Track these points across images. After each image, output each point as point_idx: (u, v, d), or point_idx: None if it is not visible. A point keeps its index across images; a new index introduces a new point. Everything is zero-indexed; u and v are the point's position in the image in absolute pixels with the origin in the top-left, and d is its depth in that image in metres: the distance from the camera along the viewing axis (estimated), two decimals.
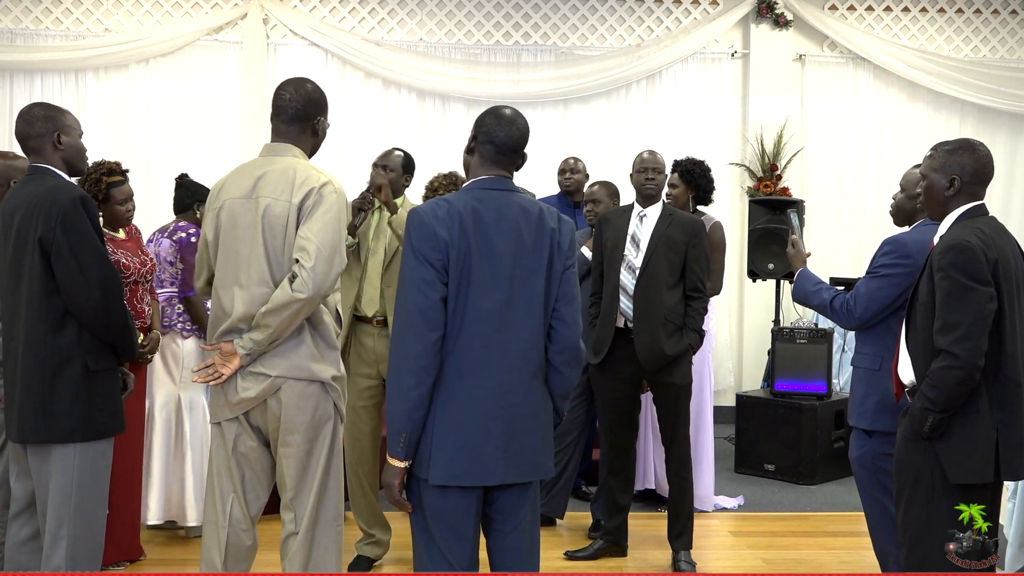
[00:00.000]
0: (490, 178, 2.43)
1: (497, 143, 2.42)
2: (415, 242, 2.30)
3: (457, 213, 2.32)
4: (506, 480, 2.36)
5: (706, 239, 4.09)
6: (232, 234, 2.76)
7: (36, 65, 6.86)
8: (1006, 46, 7.51)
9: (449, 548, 2.34)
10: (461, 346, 2.31)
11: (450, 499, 2.33)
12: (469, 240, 2.31)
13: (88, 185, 3.71)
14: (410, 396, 2.27)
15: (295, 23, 7.01)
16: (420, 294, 2.28)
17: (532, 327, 2.38)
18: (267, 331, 2.68)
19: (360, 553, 3.94)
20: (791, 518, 4.90)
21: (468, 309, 2.31)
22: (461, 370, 2.32)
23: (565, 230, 2.45)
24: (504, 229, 2.36)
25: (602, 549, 4.19)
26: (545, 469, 2.45)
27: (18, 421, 2.83)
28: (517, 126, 2.44)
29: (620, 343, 3.99)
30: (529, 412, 2.39)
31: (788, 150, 7.15)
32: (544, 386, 2.44)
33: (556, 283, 2.41)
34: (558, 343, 2.42)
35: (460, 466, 2.31)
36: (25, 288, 2.80)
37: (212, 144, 6.97)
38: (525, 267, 2.37)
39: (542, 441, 2.43)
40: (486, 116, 2.46)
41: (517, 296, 2.35)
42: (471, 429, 2.31)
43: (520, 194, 2.46)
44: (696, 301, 3.98)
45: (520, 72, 7.20)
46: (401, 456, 2.31)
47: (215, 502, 2.84)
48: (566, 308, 2.43)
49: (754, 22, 7.25)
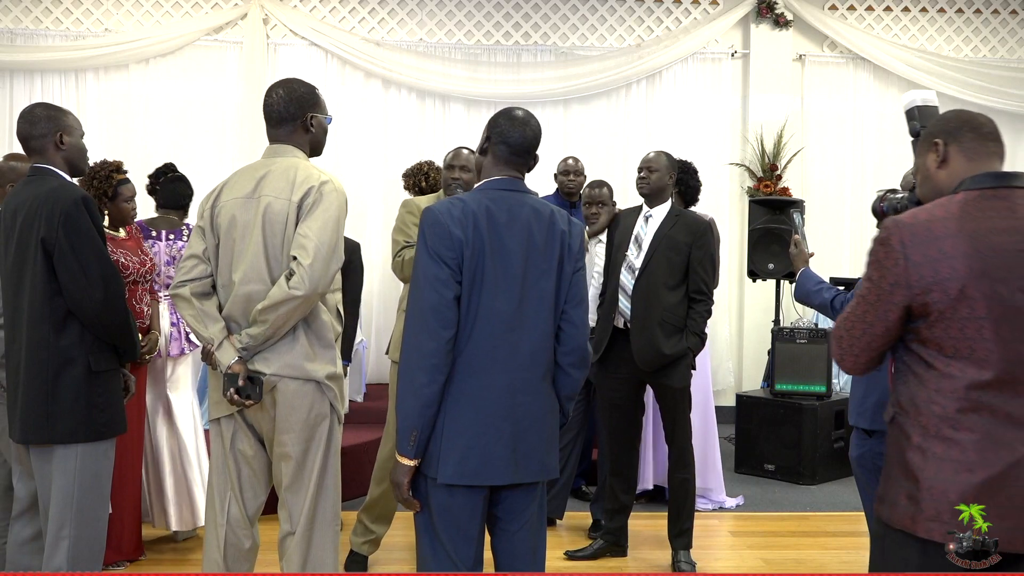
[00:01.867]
0: (503, 179, 2.45)
1: (511, 144, 2.44)
2: (429, 240, 2.32)
3: (471, 213, 2.34)
4: (515, 480, 2.37)
5: (712, 240, 4.06)
6: (231, 234, 2.76)
7: (36, 65, 6.86)
8: (1006, 46, 7.51)
9: (454, 547, 2.35)
10: (472, 345, 2.32)
11: (457, 498, 2.34)
12: (483, 240, 2.33)
13: (98, 182, 3.72)
14: (422, 394, 2.28)
15: (295, 23, 7.01)
16: (434, 292, 2.29)
17: (542, 328, 2.39)
18: (264, 327, 2.68)
19: (355, 549, 3.92)
20: (791, 518, 4.90)
21: (480, 309, 2.33)
22: (472, 369, 2.33)
23: (575, 232, 2.47)
24: (516, 230, 2.37)
25: (602, 549, 4.20)
26: (551, 470, 2.46)
27: (21, 421, 2.83)
28: (530, 127, 2.46)
29: (619, 343, 3.99)
30: (538, 413, 2.40)
31: (788, 150, 7.15)
32: (552, 387, 2.46)
33: (566, 285, 2.43)
34: (566, 344, 2.44)
35: (470, 465, 2.31)
36: (27, 289, 2.80)
37: (212, 144, 6.97)
38: (536, 268, 2.38)
39: (549, 442, 2.44)
40: (499, 117, 2.48)
41: (527, 297, 2.37)
42: (481, 429, 2.32)
43: (532, 195, 2.48)
44: (699, 304, 3.95)
45: (520, 72, 7.21)
46: (411, 454, 2.31)
47: (214, 501, 2.85)
48: (574, 310, 2.44)
49: (754, 22, 7.26)
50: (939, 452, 1.93)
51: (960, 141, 2.04)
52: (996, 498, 1.89)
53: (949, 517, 1.91)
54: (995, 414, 1.90)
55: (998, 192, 1.97)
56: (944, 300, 1.92)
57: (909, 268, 1.94)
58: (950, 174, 2.05)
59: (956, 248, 1.91)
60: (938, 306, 1.93)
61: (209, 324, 2.76)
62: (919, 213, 1.99)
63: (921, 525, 1.94)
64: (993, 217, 1.94)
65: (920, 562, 1.98)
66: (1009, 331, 1.90)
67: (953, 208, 1.97)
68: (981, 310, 1.90)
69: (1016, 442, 1.89)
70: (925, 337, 1.97)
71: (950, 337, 1.93)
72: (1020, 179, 1.99)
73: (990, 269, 1.90)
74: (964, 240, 1.91)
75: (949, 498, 1.91)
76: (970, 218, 1.94)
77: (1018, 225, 1.93)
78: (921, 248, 1.94)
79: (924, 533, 1.93)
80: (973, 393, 1.91)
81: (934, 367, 1.96)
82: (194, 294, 2.78)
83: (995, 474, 1.89)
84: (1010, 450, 1.89)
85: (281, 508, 2.83)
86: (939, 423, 1.94)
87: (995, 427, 1.90)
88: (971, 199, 1.97)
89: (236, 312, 2.75)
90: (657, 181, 4.03)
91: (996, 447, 1.90)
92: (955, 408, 1.93)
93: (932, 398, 1.96)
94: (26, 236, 2.80)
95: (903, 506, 1.99)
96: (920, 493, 1.95)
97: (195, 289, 2.78)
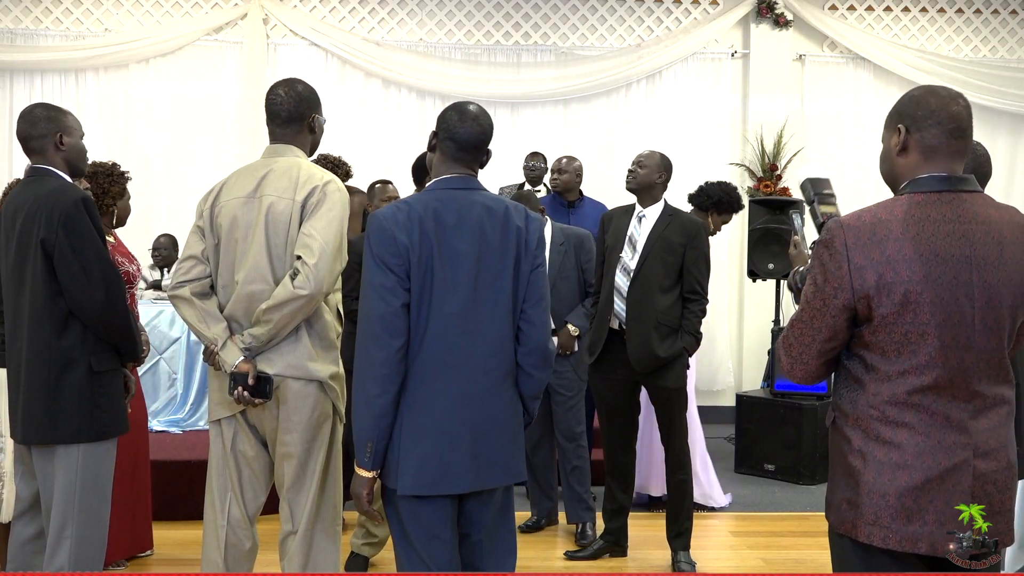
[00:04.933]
0: (452, 177, 2.38)
1: (458, 140, 2.36)
2: (375, 247, 2.26)
3: (418, 216, 2.27)
4: (476, 487, 2.33)
5: (706, 241, 4.04)
6: (232, 234, 2.76)
7: (36, 65, 6.86)
8: (1006, 46, 7.51)
9: (428, 551, 2.32)
10: (425, 352, 2.27)
11: (423, 506, 2.30)
12: (431, 243, 2.26)
13: (112, 180, 3.72)
14: (375, 404, 2.24)
15: (295, 23, 7.01)
16: (380, 300, 2.24)
17: (499, 330, 2.33)
18: (267, 327, 2.68)
19: (356, 552, 3.92)
20: (791, 518, 4.90)
21: (431, 314, 2.27)
22: (425, 376, 2.28)
23: (532, 228, 2.38)
24: (467, 230, 2.30)
25: (602, 549, 4.19)
26: (516, 473, 2.40)
27: (23, 422, 2.83)
28: (479, 122, 2.38)
29: (614, 345, 3.98)
30: (498, 417, 2.34)
31: (788, 150, 7.15)
32: (514, 389, 2.39)
33: (523, 284, 2.36)
34: (526, 345, 2.37)
35: (429, 475, 2.27)
36: (28, 290, 2.80)
37: (212, 144, 6.97)
38: (490, 269, 2.32)
39: (512, 445, 2.38)
40: (449, 111, 2.41)
41: (482, 299, 2.31)
42: (438, 437, 2.27)
43: (484, 192, 2.40)
44: (693, 304, 3.94)
45: (520, 72, 7.21)
46: (368, 466, 2.29)
47: (214, 501, 2.85)
48: (533, 309, 2.37)
49: (754, 22, 7.26)
50: (878, 455, 1.92)
51: (922, 133, 1.97)
52: (935, 502, 1.88)
53: (889, 521, 1.90)
54: (934, 417, 1.89)
55: (943, 196, 1.93)
56: (887, 305, 1.90)
57: (852, 271, 1.91)
58: (906, 164, 2.00)
59: (899, 252, 1.89)
60: (881, 310, 1.90)
61: (212, 324, 2.75)
62: (863, 215, 1.96)
63: (862, 530, 1.93)
64: (937, 221, 1.91)
65: (864, 568, 1.97)
66: (951, 336, 1.88)
67: (897, 211, 1.93)
68: (924, 315, 1.88)
69: (955, 446, 1.89)
70: (868, 341, 1.95)
71: (893, 341, 1.91)
72: (965, 183, 1.96)
73: (933, 274, 1.88)
74: (908, 244, 1.89)
75: (888, 501, 1.90)
76: (914, 221, 1.91)
77: (962, 230, 1.90)
78: (864, 251, 1.91)
79: (865, 538, 1.92)
80: (914, 396, 1.90)
81: (876, 370, 1.94)
82: (194, 294, 2.77)
83: (933, 476, 1.88)
84: (948, 454, 1.88)
85: (282, 508, 2.83)
86: (879, 426, 1.93)
87: (934, 430, 1.89)
88: (915, 202, 1.94)
89: (238, 312, 2.75)
90: (644, 178, 3.99)
91: (934, 450, 1.88)
92: (894, 411, 1.91)
93: (871, 401, 1.94)
94: (26, 237, 2.79)
95: (845, 510, 1.98)
96: (860, 497, 1.93)
97: (195, 289, 2.78)
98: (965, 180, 1.97)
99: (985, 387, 1.91)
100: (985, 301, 1.89)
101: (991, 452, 1.91)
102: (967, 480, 1.88)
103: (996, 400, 1.93)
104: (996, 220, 1.94)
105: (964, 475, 1.88)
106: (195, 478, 4.34)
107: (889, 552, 1.91)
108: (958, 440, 1.89)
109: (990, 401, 1.92)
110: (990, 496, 1.90)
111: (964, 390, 1.90)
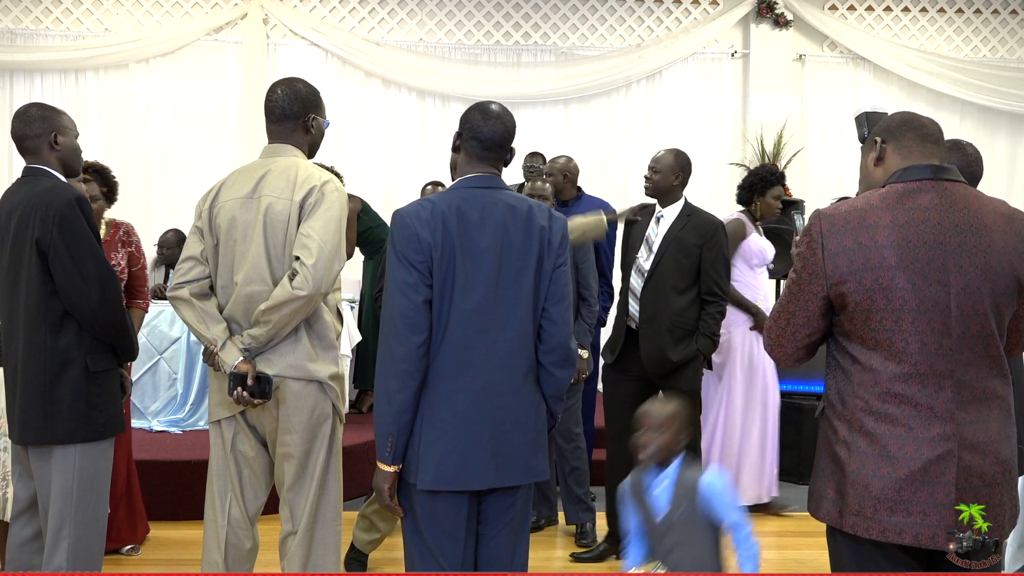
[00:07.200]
0: (476, 176, 2.39)
1: (483, 139, 2.38)
2: (398, 244, 2.28)
3: (441, 213, 2.28)
4: (496, 484, 2.33)
5: (724, 240, 3.97)
6: (231, 235, 2.75)
7: (36, 65, 6.87)
8: (1006, 46, 7.51)
9: (441, 550, 2.31)
10: (446, 348, 2.28)
11: (441, 503, 2.30)
12: (453, 241, 2.27)
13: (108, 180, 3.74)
14: (395, 400, 2.25)
15: (295, 23, 7.02)
16: (403, 297, 2.25)
17: (519, 327, 2.33)
18: (266, 328, 2.67)
19: (358, 545, 3.88)
20: (791, 518, 4.90)
21: (452, 311, 2.27)
22: (445, 373, 2.28)
23: (556, 227, 2.38)
24: (489, 228, 2.31)
25: (608, 550, 4.17)
26: (538, 472, 2.39)
27: (19, 423, 2.82)
28: (503, 121, 2.39)
29: (631, 344, 3.96)
30: (518, 414, 2.34)
31: (788, 150, 7.15)
32: (536, 387, 2.39)
33: (545, 282, 2.36)
34: (547, 343, 2.37)
35: (448, 470, 2.27)
36: (23, 290, 2.79)
37: (212, 144, 6.98)
38: (512, 266, 2.32)
39: (534, 443, 2.37)
40: (472, 112, 2.42)
41: (503, 296, 2.31)
42: (458, 433, 2.28)
43: (508, 191, 2.41)
44: (711, 305, 3.89)
45: (520, 72, 7.21)
46: (389, 461, 2.29)
47: (214, 502, 2.84)
48: (555, 307, 2.37)
49: (754, 22, 7.26)
50: (862, 446, 1.93)
51: (899, 140, 2.04)
52: (919, 494, 1.88)
53: (872, 512, 1.90)
54: (919, 408, 1.89)
55: (923, 184, 1.96)
56: (859, 291, 1.91)
57: (825, 258, 1.94)
58: (885, 171, 2.04)
59: (872, 239, 1.91)
60: (854, 296, 1.92)
61: (211, 325, 2.75)
62: (842, 204, 1.99)
63: (847, 520, 1.94)
64: (912, 209, 1.92)
65: (850, 558, 1.98)
66: (926, 323, 1.89)
67: (875, 199, 1.96)
68: (897, 302, 1.89)
69: (940, 438, 1.88)
70: (847, 329, 1.97)
71: (870, 329, 1.92)
72: (946, 172, 1.98)
73: (907, 261, 1.89)
74: (882, 231, 1.91)
75: (871, 493, 1.90)
76: (890, 209, 1.93)
77: (938, 217, 1.92)
78: (837, 238, 1.94)
79: (849, 528, 1.94)
80: (896, 386, 1.90)
81: (858, 360, 1.95)
82: (193, 295, 2.77)
83: (916, 469, 1.88)
84: (932, 445, 1.88)
85: (282, 508, 2.82)
86: (862, 417, 1.93)
87: (918, 422, 1.89)
88: (895, 191, 1.97)
89: (238, 313, 2.75)
90: (659, 182, 3.96)
91: (918, 443, 1.89)
92: (878, 402, 1.92)
93: (855, 392, 1.95)
94: (21, 237, 2.78)
95: (830, 500, 1.99)
96: (846, 487, 1.95)
97: (194, 290, 2.77)
98: (947, 170, 2.00)
99: (973, 377, 1.91)
100: (962, 287, 1.89)
101: (979, 445, 1.90)
102: (951, 472, 1.88)
103: (987, 393, 1.93)
104: (978, 209, 1.95)
105: (948, 466, 1.88)
106: (195, 478, 4.35)
107: (874, 542, 1.92)
108: (943, 431, 1.89)
109: (979, 393, 1.92)
110: (976, 490, 1.89)
111: (949, 379, 1.90)
